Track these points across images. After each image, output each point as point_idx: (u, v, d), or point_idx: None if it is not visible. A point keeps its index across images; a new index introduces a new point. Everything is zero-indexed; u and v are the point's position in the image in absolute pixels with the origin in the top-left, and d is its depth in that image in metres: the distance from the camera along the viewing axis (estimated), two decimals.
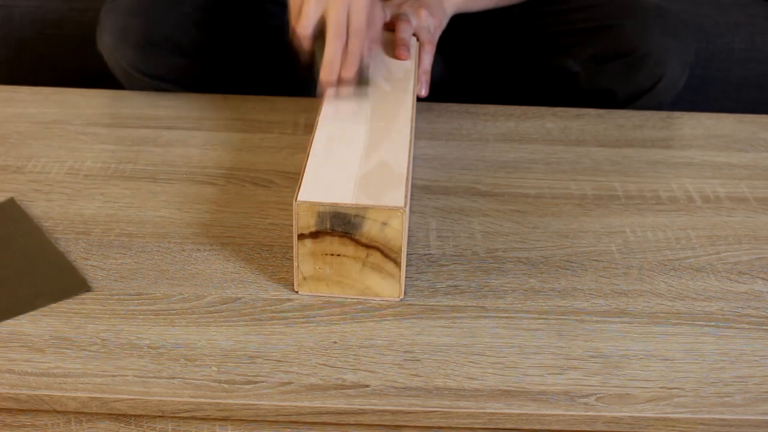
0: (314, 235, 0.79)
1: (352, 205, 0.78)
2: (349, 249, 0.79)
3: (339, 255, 0.79)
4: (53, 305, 0.81)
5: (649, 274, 0.87)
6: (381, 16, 1.04)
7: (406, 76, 1.03)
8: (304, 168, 0.83)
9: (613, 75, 1.19)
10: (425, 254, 0.89)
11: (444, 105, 1.17)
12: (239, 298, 0.82)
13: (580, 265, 0.88)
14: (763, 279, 0.87)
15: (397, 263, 0.80)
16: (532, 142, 1.10)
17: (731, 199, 0.99)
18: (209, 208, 0.95)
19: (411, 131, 0.90)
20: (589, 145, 1.10)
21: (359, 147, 0.87)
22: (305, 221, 0.78)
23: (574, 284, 0.85)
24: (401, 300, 0.82)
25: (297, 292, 0.82)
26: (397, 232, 0.78)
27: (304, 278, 0.81)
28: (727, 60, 1.45)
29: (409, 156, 0.86)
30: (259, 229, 0.92)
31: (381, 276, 0.81)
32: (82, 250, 0.88)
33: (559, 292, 0.84)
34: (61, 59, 1.49)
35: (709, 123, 1.16)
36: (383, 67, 1.06)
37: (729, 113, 1.18)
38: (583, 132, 1.12)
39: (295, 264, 0.81)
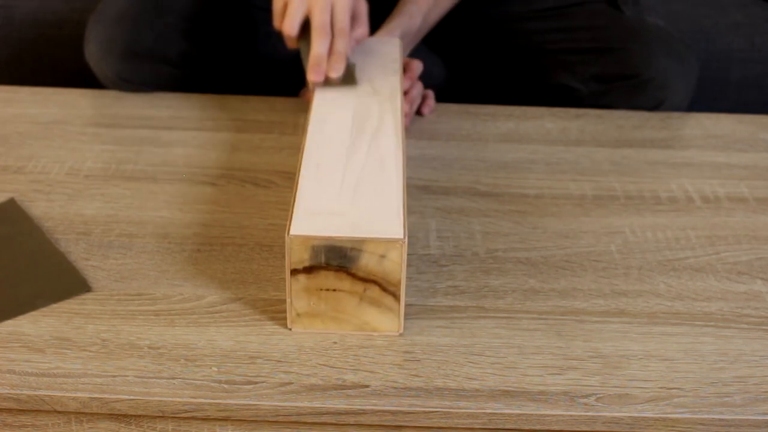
0: (308, 270, 0.75)
1: (348, 237, 0.74)
2: (346, 283, 0.75)
3: (335, 290, 0.76)
4: (53, 305, 0.81)
5: (649, 274, 0.87)
6: (365, 11, 1.05)
7: (392, 94, 0.98)
8: (294, 199, 0.79)
9: (615, 96, 1.19)
10: (425, 254, 0.89)
11: (444, 105, 1.17)
12: (239, 299, 0.82)
13: (579, 266, 0.88)
14: (762, 279, 0.87)
15: (396, 297, 0.76)
16: (531, 142, 1.10)
17: (731, 199, 0.99)
18: (209, 209, 0.95)
19: (403, 154, 0.86)
20: (589, 145, 1.10)
21: (350, 173, 0.83)
22: (299, 256, 0.74)
23: (574, 284, 0.86)
24: (400, 334, 0.79)
25: (290, 329, 0.79)
26: (396, 264, 0.75)
27: (298, 315, 0.78)
28: (727, 60, 1.45)
29: (403, 181, 0.82)
30: (259, 229, 0.92)
31: (379, 310, 0.77)
32: (82, 250, 0.88)
33: (558, 292, 0.85)
34: (61, 59, 1.48)
35: (709, 123, 1.16)
36: (373, 63, 1.04)
37: (728, 113, 1.18)
38: (582, 132, 1.13)
39: (288, 300, 0.77)
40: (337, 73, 0.98)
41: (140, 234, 0.90)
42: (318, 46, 0.99)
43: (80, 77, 1.32)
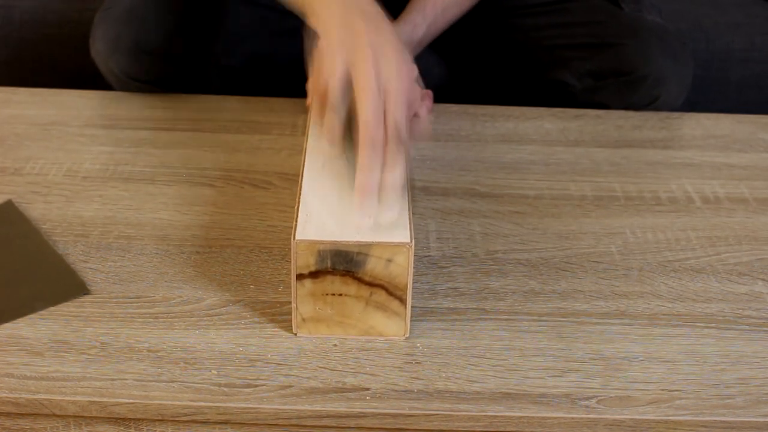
0: (314, 274, 0.74)
1: (354, 242, 0.73)
2: (352, 288, 0.75)
3: (340, 294, 0.76)
4: (52, 308, 0.80)
5: (649, 275, 0.87)
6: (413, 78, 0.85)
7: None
8: (299, 204, 0.79)
9: (609, 92, 1.19)
10: (425, 256, 0.89)
11: (443, 106, 1.17)
12: (239, 301, 0.82)
13: (579, 267, 0.88)
14: (763, 280, 0.87)
15: (403, 301, 0.76)
16: (531, 143, 1.10)
17: (731, 199, 0.99)
18: (208, 210, 0.94)
19: (405, 156, 0.84)
20: (588, 145, 1.09)
21: (353, 176, 0.81)
22: (305, 260, 0.74)
23: (574, 286, 0.85)
24: (406, 338, 0.78)
25: (295, 334, 0.78)
26: (402, 268, 0.74)
27: (303, 320, 0.77)
28: (727, 60, 1.45)
29: (407, 185, 0.82)
30: (258, 231, 0.91)
31: (385, 315, 0.77)
32: (80, 252, 0.88)
33: (559, 293, 0.84)
34: (61, 59, 1.49)
35: (708, 123, 1.15)
36: None
37: (728, 113, 1.18)
38: (582, 133, 1.12)
39: (294, 305, 0.77)
40: (391, 211, 0.76)
41: (139, 236, 0.90)
42: (365, 176, 0.76)
43: (80, 77, 1.32)
